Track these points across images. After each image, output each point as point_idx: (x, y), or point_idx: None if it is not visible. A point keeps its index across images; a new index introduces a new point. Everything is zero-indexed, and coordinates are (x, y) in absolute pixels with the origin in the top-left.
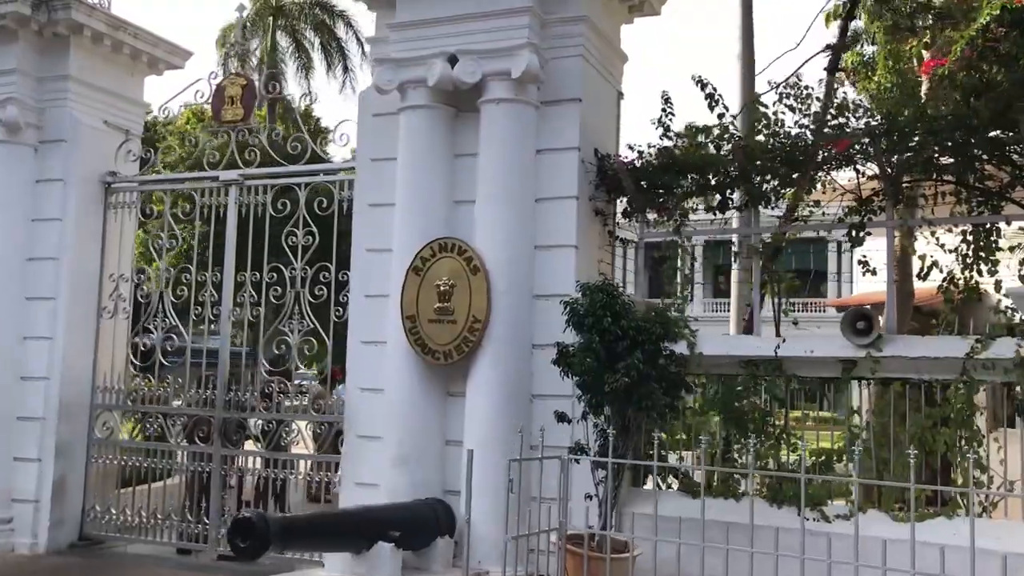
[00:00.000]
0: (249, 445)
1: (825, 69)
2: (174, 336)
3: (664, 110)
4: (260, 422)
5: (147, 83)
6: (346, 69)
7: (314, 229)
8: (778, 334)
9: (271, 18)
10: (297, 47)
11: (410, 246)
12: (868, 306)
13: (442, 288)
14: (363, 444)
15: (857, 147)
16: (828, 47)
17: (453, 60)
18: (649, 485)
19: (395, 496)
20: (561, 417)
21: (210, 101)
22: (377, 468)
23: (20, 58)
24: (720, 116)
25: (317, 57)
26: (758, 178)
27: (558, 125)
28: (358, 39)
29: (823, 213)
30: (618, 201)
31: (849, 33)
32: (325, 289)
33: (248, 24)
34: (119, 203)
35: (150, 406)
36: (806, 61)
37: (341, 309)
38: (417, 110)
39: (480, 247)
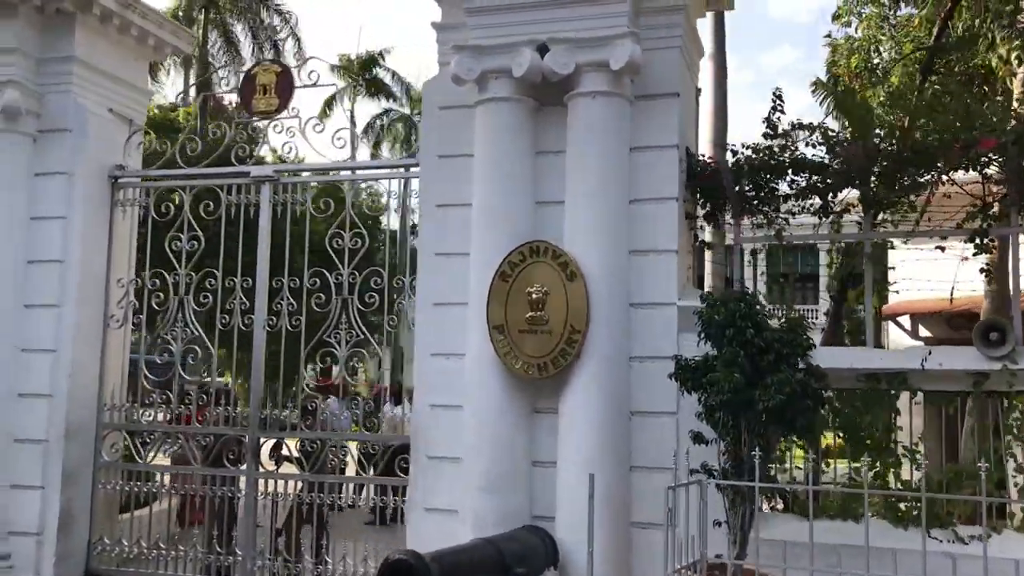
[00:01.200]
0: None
1: (919, 71)
2: (197, 348)
3: (775, 107)
4: (300, 442)
5: None
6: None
7: (363, 231)
8: (879, 344)
9: (203, 10)
10: (227, 42)
11: (493, 250)
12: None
13: (534, 296)
14: (435, 466)
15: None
16: (923, 48)
17: (542, 49)
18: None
19: (482, 524)
20: (698, 438)
21: (238, 90)
22: (454, 492)
23: (20, 36)
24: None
25: (246, 52)
26: (876, 181)
27: (655, 121)
28: (294, 34)
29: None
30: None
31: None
32: (376, 296)
33: (180, 15)
34: (128, 200)
35: (169, 426)
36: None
37: (395, 318)
38: (499, 103)
39: (573, 251)
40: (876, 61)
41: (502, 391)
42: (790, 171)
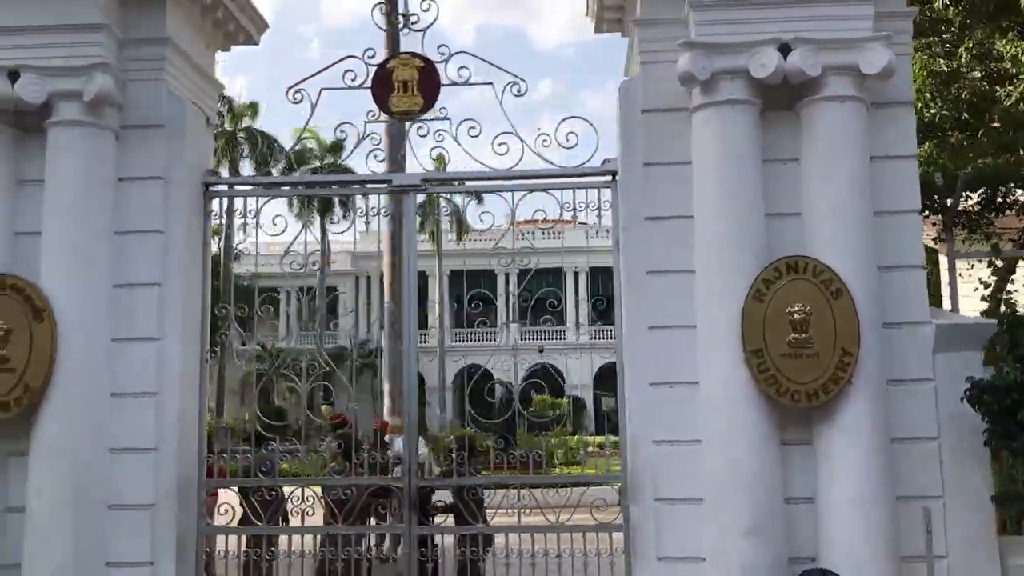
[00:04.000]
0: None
1: None
2: (329, 385)
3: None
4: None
5: None
6: None
7: (534, 247)
8: None
9: None
10: None
11: (731, 267)
12: None
13: (796, 316)
14: (667, 509)
15: None
16: None
17: (783, 49)
18: None
19: (752, 572)
20: None
21: (369, 86)
22: (695, 538)
23: (106, 10)
24: None
25: None
26: None
27: (896, 130)
28: None
29: None
30: None
31: None
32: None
33: None
34: (226, 211)
35: (295, 479)
36: None
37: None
38: (734, 106)
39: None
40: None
41: (758, 422)
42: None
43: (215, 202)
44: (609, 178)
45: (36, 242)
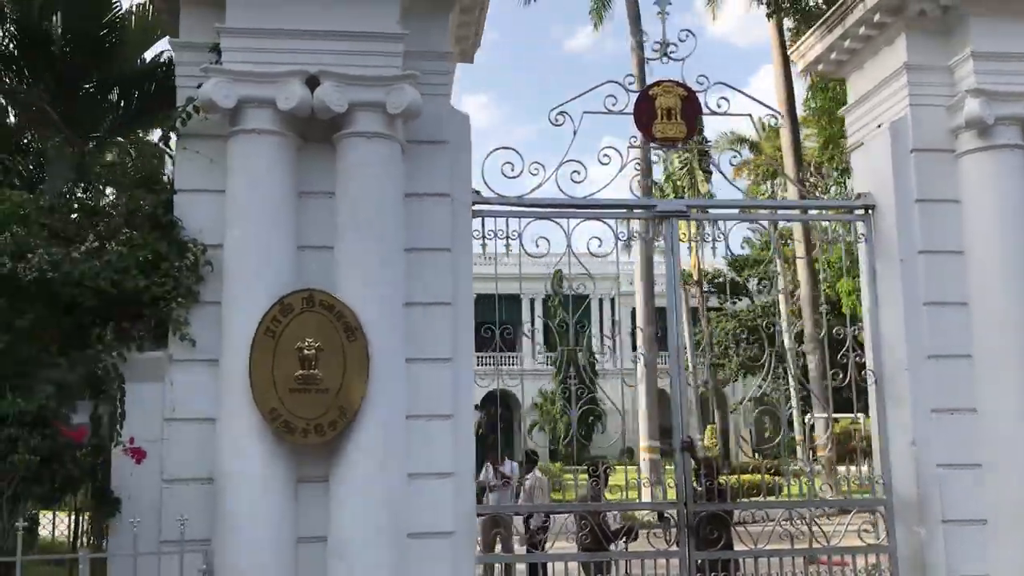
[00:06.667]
0: None
1: None
2: (597, 404)
3: None
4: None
5: None
6: None
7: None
8: None
9: None
10: None
11: (1016, 300)
12: None
13: None
14: (954, 530)
15: None
16: None
17: None
18: None
19: None
20: None
21: (631, 112)
22: (983, 557)
23: (403, 21)
24: None
25: None
26: None
27: None
28: None
29: None
30: None
31: None
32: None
33: None
34: (488, 232)
35: (564, 504)
36: None
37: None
38: (1011, 150)
39: None
40: None
41: None
42: None
43: (480, 221)
44: (863, 212)
45: (321, 256)
